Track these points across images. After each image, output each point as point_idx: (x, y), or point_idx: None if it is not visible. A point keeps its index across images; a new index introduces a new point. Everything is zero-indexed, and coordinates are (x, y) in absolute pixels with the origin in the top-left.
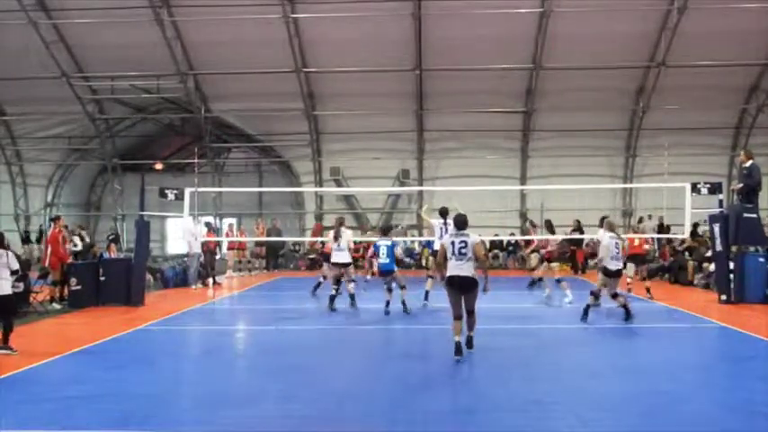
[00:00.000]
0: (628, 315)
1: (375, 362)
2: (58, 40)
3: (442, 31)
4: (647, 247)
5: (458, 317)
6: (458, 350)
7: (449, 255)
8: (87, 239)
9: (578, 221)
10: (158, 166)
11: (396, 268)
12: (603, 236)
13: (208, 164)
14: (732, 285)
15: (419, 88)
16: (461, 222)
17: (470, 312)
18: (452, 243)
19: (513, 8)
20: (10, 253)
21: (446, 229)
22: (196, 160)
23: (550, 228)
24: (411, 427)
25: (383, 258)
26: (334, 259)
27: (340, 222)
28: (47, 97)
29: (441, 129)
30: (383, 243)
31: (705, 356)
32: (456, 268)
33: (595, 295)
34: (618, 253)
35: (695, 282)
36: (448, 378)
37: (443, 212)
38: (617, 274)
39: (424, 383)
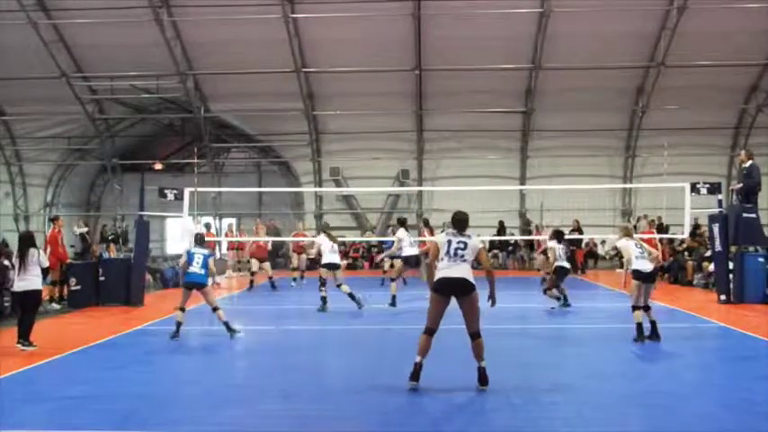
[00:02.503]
0: (655, 334)
1: (374, 361)
2: (58, 39)
3: (442, 31)
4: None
5: (431, 331)
6: (414, 374)
7: (441, 254)
8: (89, 239)
9: (578, 221)
10: (158, 166)
11: (209, 283)
12: (621, 241)
13: (207, 164)
14: (731, 285)
15: (419, 88)
16: (462, 222)
17: (475, 335)
18: (449, 242)
19: (513, 8)
20: (40, 251)
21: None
22: (195, 160)
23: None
24: (410, 427)
25: (196, 268)
26: (326, 260)
27: (324, 229)
28: (46, 97)
29: (440, 129)
30: (199, 252)
31: (705, 356)
32: (446, 269)
33: (637, 308)
34: (643, 253)
35: (694, 282)
36: (447, 378)
37: (402, 222)
38: (650, 277)
39: (423, 383)
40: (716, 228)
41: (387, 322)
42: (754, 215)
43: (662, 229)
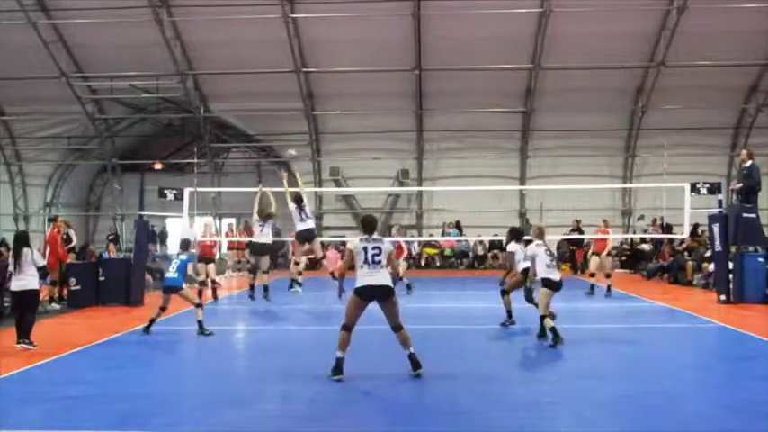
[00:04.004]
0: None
1: (374, 361)
2: (58, 40)
3: (442, 31)
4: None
5: (349, 328)
6: (338, 368)
7: (359, 262)
8: (74, 240)
9: (578, 221)
10: (158, 166)
11: (184, 286)
12: (531, 246)
13: (207, 164)
14: (731, 285)
15: (419, 88)
16: (371, 225)
17: (398, 328)
18: (365, 249)
19: (513, 8)
20: (34, 251)
21: (304, 215)
22: (195, 160)
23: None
24: (410, 427)
25: (170, 273)
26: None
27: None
28: (46, 97)
29: (440, 129)
30: (177, 258)
31: (705, 356)
32: (368, 277)
33: (552, 316)
34: (552, 261)
35: (694, 282)
36: (447, 378)
37: (298, 199)
38: (560, 286)
39: (424, 382)
40: (716, 228)
41: (383, 322)
42: (753, 215)
43: (663, 229)
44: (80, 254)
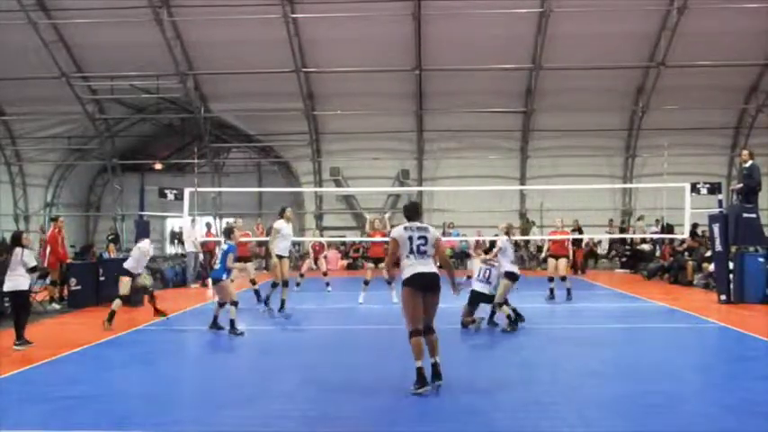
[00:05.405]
0: (520, 318)
1: (375, 361)
2: (58, 39)
3: (442, 31)
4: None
5: (419, 331)
6: (423, 379)
7: (405, 252)
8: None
9: (577, 221)
10: (158, 166)
11: (224, 277)
12: (503, 239)
13: (207, 164)
14: (732, 285)
15: (419, 88)
16: (414, 210)
17: (432, 330)
18: (410, 238)
19: (513, 8)
20: (25, 250)
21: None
22: (196, 160)
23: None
24: (411, 427)
25: (216, 265)
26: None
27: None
28: (46, 97)
29: (440, 129)
30: (222, 248)
31: (705, 356)
32: (418, 265)
33: (501, 304)
34: (514, 257)
35: (695, 282)
36: (447, 378)
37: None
38: (518, 278)
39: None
40: (716, 228)
41: (384, 322)
42: (754, 215)
43: (664, 229)
44: (82, 254)
